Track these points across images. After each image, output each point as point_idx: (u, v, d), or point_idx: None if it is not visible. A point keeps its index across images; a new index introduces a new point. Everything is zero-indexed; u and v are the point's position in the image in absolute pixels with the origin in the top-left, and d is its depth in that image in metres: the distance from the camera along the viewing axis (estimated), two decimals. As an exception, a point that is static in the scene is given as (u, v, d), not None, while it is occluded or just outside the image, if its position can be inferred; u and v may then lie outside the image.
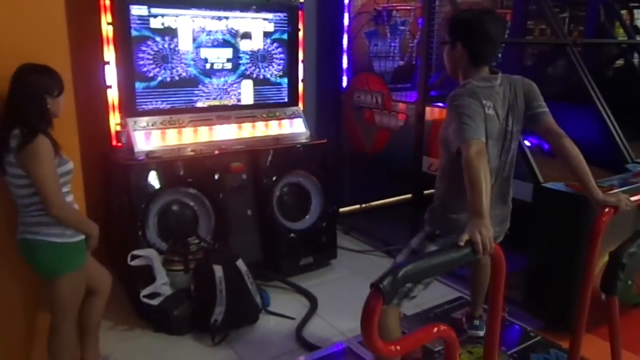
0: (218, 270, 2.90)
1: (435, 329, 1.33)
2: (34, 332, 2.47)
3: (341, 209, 4.68)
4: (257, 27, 3.67)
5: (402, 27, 4.41)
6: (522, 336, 2.80)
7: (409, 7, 4.37)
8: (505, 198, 2.18)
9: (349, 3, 4.35)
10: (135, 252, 2.96)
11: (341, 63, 4.44)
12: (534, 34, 5.52)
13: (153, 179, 3.13)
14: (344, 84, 4.48)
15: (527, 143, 3.14)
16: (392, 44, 4.40)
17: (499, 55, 4.72)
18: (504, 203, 2.18)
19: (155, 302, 2.90)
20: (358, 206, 4.81)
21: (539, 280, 3.06)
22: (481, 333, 2.56)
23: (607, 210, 1.85)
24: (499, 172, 2.06)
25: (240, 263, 3.01)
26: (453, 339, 1.34)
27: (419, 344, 1.33)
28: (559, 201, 2.86)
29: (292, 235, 3.68)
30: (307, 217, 3.81)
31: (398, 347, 1.21)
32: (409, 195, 4.06)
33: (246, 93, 3.73)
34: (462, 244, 1.39)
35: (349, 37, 4.41)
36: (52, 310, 2.27)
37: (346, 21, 4.37)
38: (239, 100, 3.71)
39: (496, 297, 1.51)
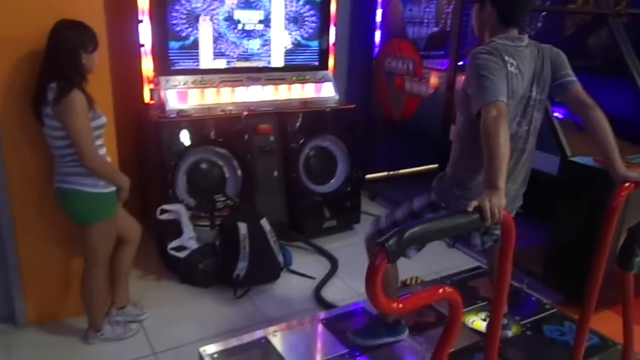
0: (242, 227, 2.99)
1: (441, 290, 1.37)
2: (70, 276, 2.64)
3: (368, 176, 4.72)
4: (290, -12, 3.66)
5: (438, -8, 4.31)
6: (538, 308, 2.82)
7: (446, -28, 4.25)
8: (523, 174, 2.06)
9: (385, -33, 4.28)
10: (165, 207, 3.08)
11: (374, 28, 4.39)
12: (577, 2, 5.30)
13: (183, 137, 3.22)
14: (376, 49, 4.44)
15: (556, 115, 3.08)
16: (427, 9, 4.31)
17: (539, 24, 4.59)
18: (521, 179, 2.07)
19: (181, 255, 3.03)
20: (385, 173, 4.84)
21: (560, 255, 3.05)
22: (510, 333, 2.47)
23: (627, 184, 1.83)
24: (517, 142, 1.95)
25: (264, 222, 3.11)
26: (458, 301, 1.38)
27: (423, 304, 1.38)
28: (586, 176, 2.81)
29: (316, 198, 3.75)
30: (332, 181, 3.86)
31: (401, 305, 1.26)
32: (435, 165, 4.06)
33: (277, 55, 3.75)
34: (470, 209, 1.38)
35: (382, 1, 4.34)
36: (85, 256, 2.42)
37: (381, -16, 4.31)
38: (269, 62, 3.73)
39: (504, 266, 1.53)
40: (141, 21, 3.20)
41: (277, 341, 2.39)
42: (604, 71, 3.52)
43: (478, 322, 2.58)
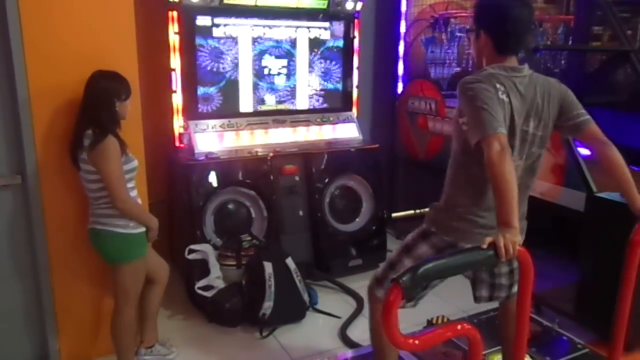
0: (268, 266, 3.04)
1: (459, 327, 1.38)
2: (101, 316, 2.71)
3: (395, 214, 4.73)
4: (313, 35, 3.81)
5: (459, 34, 4.40)
6: (570, 347, 2.76)
7: (466, 14, 4.35)
8: (520, 208, 1.90)
9: (406, 11, 4.41)
10: (193, 247, 3.16)
11: (396, 69, 4.50)
12: (602, 40, 5.32)
13: (211, 178, 3.33)
14: (399, 90, 4.54)
15: (581, 151, 3.07)
16: (449, 51, 4.40)
17: (562, 61, 4.62)
18: (521, 214, 1.95)
19: (209, 294, 3.08)
20: (412, 212, 4.83)
21: (590, 292, 2.98)
22: None
23: (647, 220, 1.81)
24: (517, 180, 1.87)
25: (289, 261, 3.14)
26: (477, 338, 1.38)
27: (441, 341, 1.38)
28: (613, 211, 2.77)
29: (342, 237, 3.78)
30: (357, 219, 3.89)
31: (417, 342, 1.27)
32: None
33: (301, 98, 3.88)
34: (484, 246, 1.38)
35: (405, 44, 4.46)
36: (115, 295, 2.48)
37: (402, 29, 4.43)
38: (294, 105, 3.86)
39: (524, 303, 1.53)
40: (173, 69, 3.38)
41: (302, 380, 2.39)
42: (628, 107, 3.49)
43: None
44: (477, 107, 1.67)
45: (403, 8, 4.40)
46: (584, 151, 3.15)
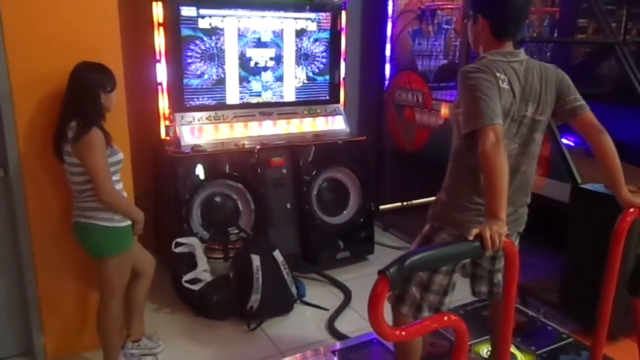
0: (255, 259, 3.03)
1: (445, 318, 1.39)
2: (86, 310, 2.69)
3: (382, 206, 4.74)
4: (300, 26, 3.79)
5: (446, 26, 4.41)
6: (554, 337, 2.79)
7: (453, 6, 4.36)
8: (519, 196, 1.95)
9: (393, 3, 4.40)
10: (179, 240, 3.14)
11: (383, 62, 4.49)
12: (587, 32, 5.36)
13: (198, 171, 3.30)
14: (386, 82, 4.54)
15: (566, 142, 3.10)
16: (436, 43, 4.40)
17: (548, 54, 4.65)
18: (518, 202, 1.97)
19: (196, 287, 3.07)
20: (399, 204, 4.85)
21: (575, 283, 3.01)
22: None
23: (632, 210, 1.84)
24: (512, 165, 1.83)
25: (277, 254, 3.14)
26: (463, 329, 1.39)
27: (426, 332, 1.39)
28: (597, 203, 2.81)
29: (329, 229, 3.77)
30: (345, 212, 3.89)
31: (403, 333, 1.28)
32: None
33: (288, 90, 3.86)
34: (470, 238, 1.39)
35: (392, 37, 4.46)
36: (101, 289, 2.46)
37: (389, 21, 4.43)
38: (281, 97, 3.84)
39: (509, 294, 1.54)
40: (158, 61, 3.34)
41: (289, 373, 2.40)
42: (613, 99, 3.53)
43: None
44: (475, 97, 1.67)
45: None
46: (568, 142, 3.19)
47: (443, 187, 2.02)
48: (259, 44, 3.67)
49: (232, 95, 3.65)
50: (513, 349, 2.62)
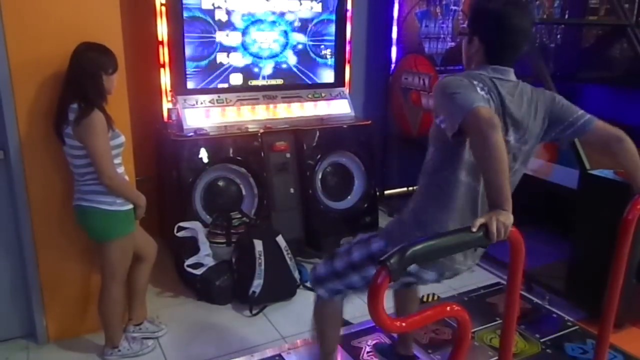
0: (258, 244, 3.01)
1: (448, 308, 1.36)
2: (88, 293, 2.68)
3: (388, 191, 4.70)
4: (304, 7, 3.71)
5: (454, 7, 4.31)
6: (559, 325, 2.77)
7: (462, -13, 4.26)
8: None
9: (401, -17, 4.32)
10: (182, 224, 3.12)
11: (390, 44, 4.42)
12: (599, 14, 5.24)
13: (200, 155, 3.27)
14: (392, 65, 4.46)
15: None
16: (443, 25, 4.32)
17: (558, 36, 4.54)
18: None
19: (198, 272, 3.06)
20: (405, 189, 4.81)
21: (582, 270, 2.98)
22: None
23: (642, 197, 1.79)
24: (476, 188, 1.67)
25: (280, 239, 3.12)
26: (465, 319, 1.36)
27: (428, 322, 1.36)
28: (606, 189, 2.76)
29: (333, 214, 3.75)
30: (349, 197, 3.86)
31: (404, 324, 1.25)
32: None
33: (292, 73, 3.80)
34: (474, 229, 1.31)
35: (399, 19, 4.37)
36: (102, 273, 2.45)
37: (396, 3, 4.35)
38: (285, 80, 3.78)
39: (514, 281, 1.51)
40: (161, 42, 3.29)
41: (292, 358, 2.39)
42: (624, 82, 3.45)
43: (497, 339, 2.53)
44: (449, 95, 1.54)
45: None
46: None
47: (409, 209, 1.88)
48: (264, 26, 3.60)
49: (236, 78, 3.60)
50: (517, 337, 2.60)
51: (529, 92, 1.71)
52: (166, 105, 3.39)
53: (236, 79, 3.60)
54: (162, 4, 3.22)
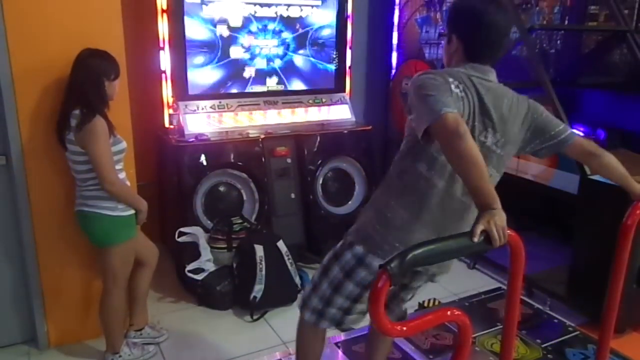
0: (259, 249, 3.01)
1: (449, 312, 1.36)
2: (90, 299, 2.68)
3: (387, 197, 4.70)
4: (305, 13, 3.73)
5: (454, 13, 4.34)
6: (560, 330, 2.76)
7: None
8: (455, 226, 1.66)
9: (401, -12, 4.34)
10: (183, 229, 3.13)
11: (390, 50, 4.44)
12: (598, 19, 5.25)
13: (201, 160, 3.28)
14: (393, 71, 4.48)
15: (576, 132, 3.04)
16: (444, 30, 4.33)
17: (558, 42, 4.55)
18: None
19: (199, 277, 3.06)
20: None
21: (583, 275, 2.98)
22: None
23: (642, 202, 1.79)
24: (452, 200, 1.66)
25: (280, 244, 3.12)
26: (466, 324, 1.36)
27: (429, 327, 1.36)
28: (606, 194, 2.75)
29: (334, 219, 3.74)
30: (350, 202, 3.87)
31: (405, 328, 1.25)
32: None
33: (293, 79, 3.82)
34: (476, 239, 1.29)
35: (399, 24, 4.40)
36: (104, 278, 2.46)
37: (397, 8, 4.37)
38: (286, 85, 3.80)
39: (515, 286, 1.51)
40: (162, 49, 3.30)
41: (292, 364, 2.38)
42: (624, 88, 3.46)
43: (498, 344, 2.53)
44: (421, 95, 1.50)
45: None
46: (578, 132, 3.13)
47: (373, 204, 1.87)
48: (264, 31, 3.62)
49: (237, 84, 3.62)
50: (518, 342, 2.59)
51: (511, 96, 1.69)
52: (167, 110, 3.40)
53: (237, 85, 3.62)
54: (163, 10, 3.24)
